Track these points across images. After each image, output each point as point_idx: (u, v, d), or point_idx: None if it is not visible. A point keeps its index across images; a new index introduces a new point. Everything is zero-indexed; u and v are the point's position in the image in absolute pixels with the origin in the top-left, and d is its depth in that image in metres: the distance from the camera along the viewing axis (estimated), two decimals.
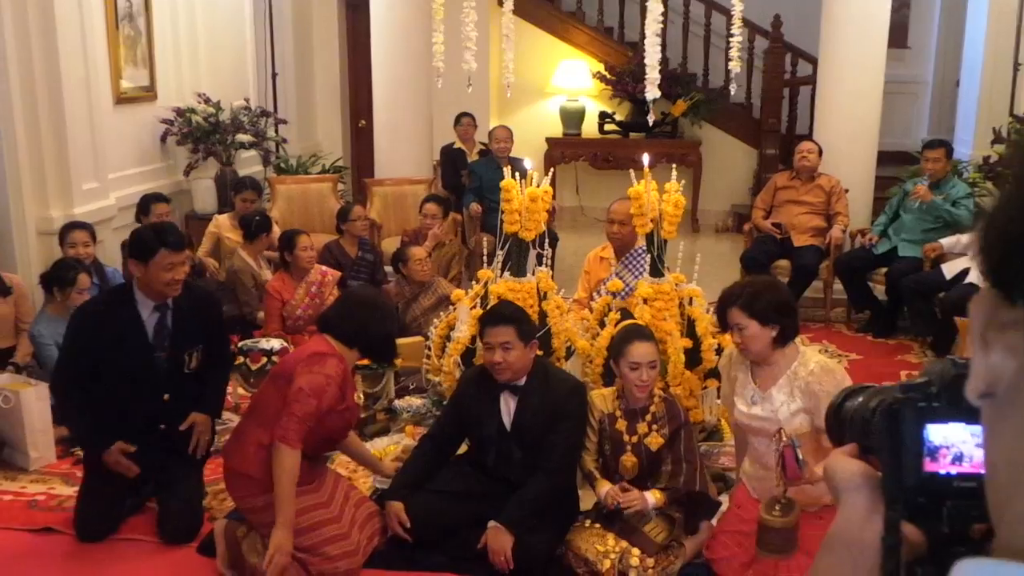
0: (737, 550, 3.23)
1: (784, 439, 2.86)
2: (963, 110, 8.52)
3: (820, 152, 6.53)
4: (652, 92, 3.46)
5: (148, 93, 6.97)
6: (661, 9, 3.42)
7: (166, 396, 3.66)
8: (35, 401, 4.26)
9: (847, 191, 6.51)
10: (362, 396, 4.58)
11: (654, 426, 3.43)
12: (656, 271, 4.16)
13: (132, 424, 3.60)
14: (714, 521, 3.46)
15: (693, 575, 3.34)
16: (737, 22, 4.14)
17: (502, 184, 4.12)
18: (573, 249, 7.58)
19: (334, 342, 3.40)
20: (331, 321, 3.50)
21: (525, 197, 4.10)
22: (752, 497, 3.29)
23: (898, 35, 9.08)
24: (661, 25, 3.50)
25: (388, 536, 3.53)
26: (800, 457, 2.83)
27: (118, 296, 3.67)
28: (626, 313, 4.11)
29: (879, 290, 6.22)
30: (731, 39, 3.87)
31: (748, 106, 9.23)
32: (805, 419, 2.98)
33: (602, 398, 3.55)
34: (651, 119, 3.86)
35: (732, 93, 4.14)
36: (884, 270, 6.07)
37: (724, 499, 3.62)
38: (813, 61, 8.32)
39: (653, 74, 3.43)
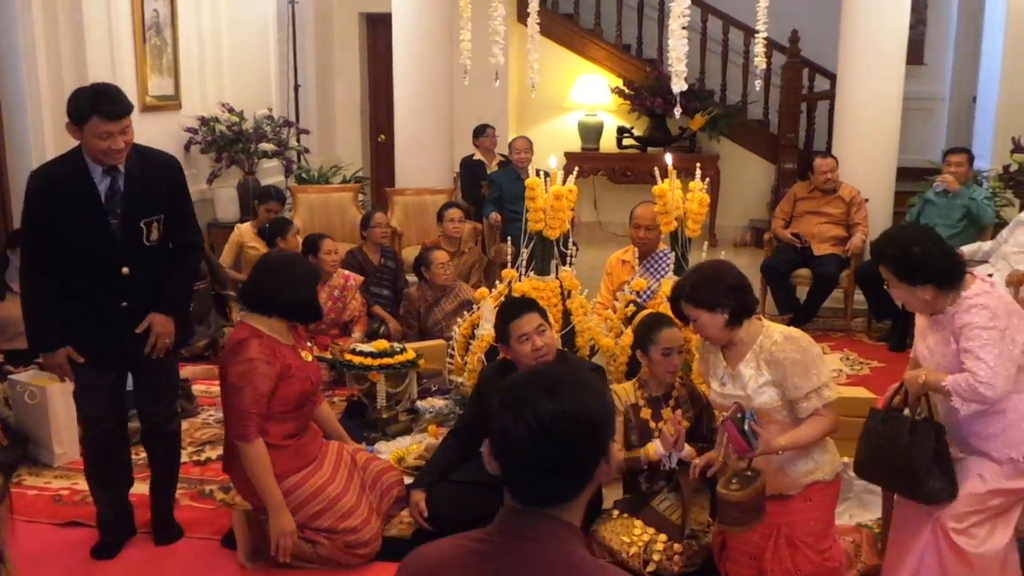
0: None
1: (725, 414, 2.88)
2: (981, 124, 8.53)
3: (837, 164, 6.57)
4: (679, 85, 3.49)
5: (173, 102, 7.06)
6: (687, 3, 3.45)
7: (125, 269, 3.35)
8: (60, 397, 4.28)
9: (867, 200, 6.53)
10: (385, 394, 4.61)
11: (678, 410, 3.45)
12: (680, 270, 4.18)
13: (94, 302, 3.36)
14: None
15: (715, 569, 3.31)
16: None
17: (527, 182, 4.17)
18: (592, 263, 7.58)
19: (253, 319, 3.39)
20: (244, 294, 3.54)
21: (550, 195, 4.14)
22: None
23: (915, 52, 9.11)
24: (687, 19, 3.54)
25: (415, 529, 3.55)
26: (747, 428, 2.83)
27: (69, 158, 3.35)
28: (639, 310, 4.14)
29: None
30: (757, 36, 3.90)
31: (766, 121, 9.27)
32: (774, 392, 2.95)
33: (623, 390, 3.56)
34: (678, 111, 3.89)
35: (756, 90, 4.12)
36: None
37: None
38: (830, 76, 8.36)
39: (679, 67, 3.47)
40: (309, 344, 3.66)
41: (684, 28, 3.73)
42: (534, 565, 1.43)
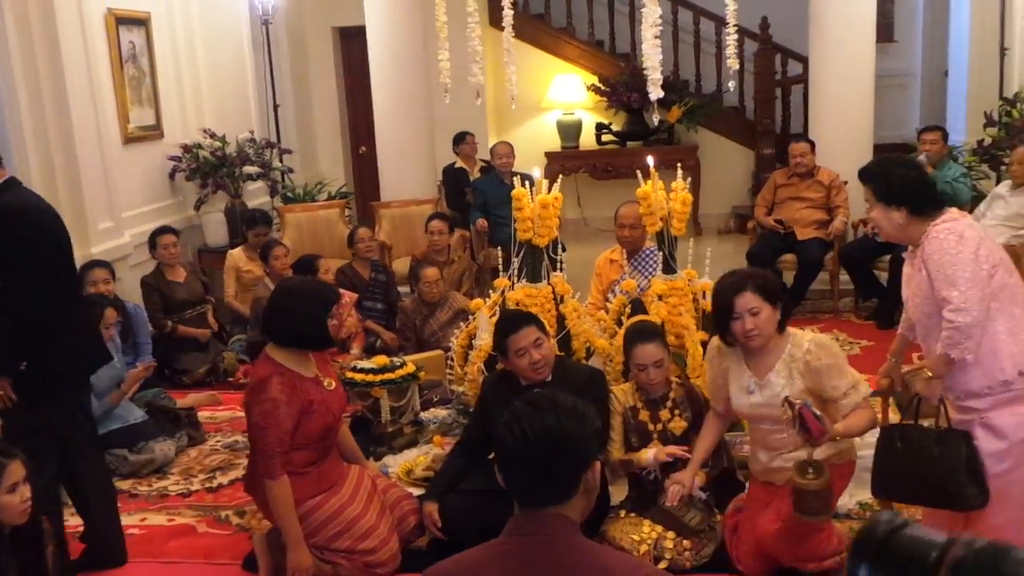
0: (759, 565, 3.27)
1: (797, 401, 2.90)
2: (953, 98, 8.66)
3: (813, 147, 6.66)
4: (655, 92, 3.58)
5: (155, 132, 7.11)
6: (658, 12, 3.54)
7: None
8: None
9: (846, 183, 6.63)
10: (388, 409, 4.68)
11: (676, 411, 3.54)
12: (668, 268, 4.27)
13: None
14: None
15: (724, 559, 3.41)
16: (732, 22, 4.24)
17: (513, 193, 4.24)
18: (579, 260, 7.64)
19: (274, 351, 3.39)
20: (264, 326, 3.57)
21: (536, 204, 4.22)
22: (764, 496, 3.30)
23: (885, 29, 9.25)
24: (659, 27, 3.62)
25: (430, 539, 3.64)
26: (818, 413, 2.89)
27: None
28: (638, 305, 4.21)
29: (884, 278, 6.33)
30: (727, 37, 3.99)
31: (742, 108, 9.38)
32: (809, 400, 3.00)
33: (622, 392, 3.65)
34: (656, 118, 3.98)
35: (730, 90, 4.22)
36: (888, 257, 6.19)
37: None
38: (803, 60, 8.47)
39: (655, 75, 3.55)
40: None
41: (659, 27, 3.82)
42: (546, 553, 1.70)
